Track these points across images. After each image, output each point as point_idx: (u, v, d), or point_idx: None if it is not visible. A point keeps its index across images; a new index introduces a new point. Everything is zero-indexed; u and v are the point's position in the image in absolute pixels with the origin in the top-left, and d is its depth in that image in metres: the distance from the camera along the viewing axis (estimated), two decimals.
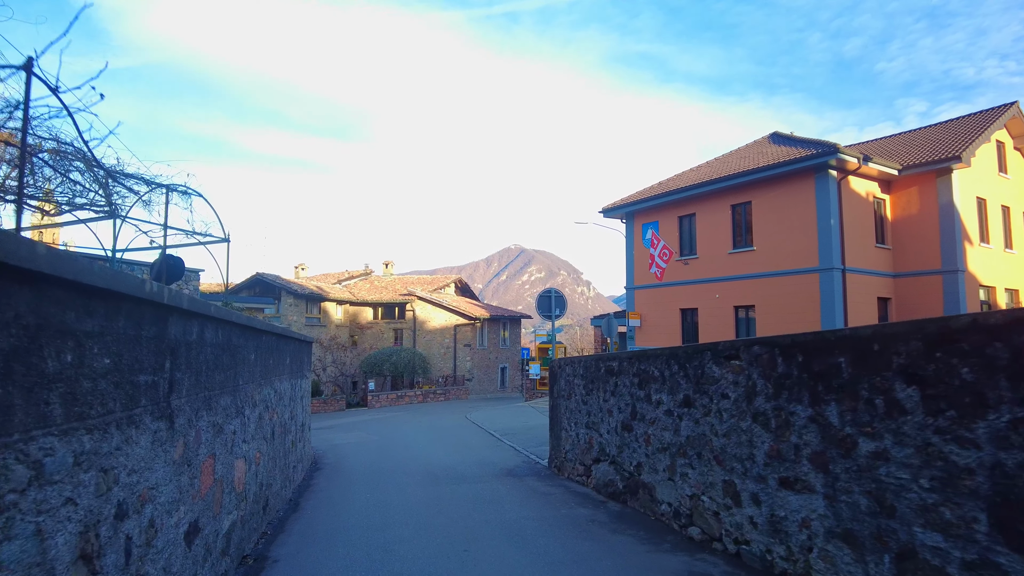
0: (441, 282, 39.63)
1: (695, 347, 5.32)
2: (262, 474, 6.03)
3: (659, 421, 5.93)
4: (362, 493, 7.93)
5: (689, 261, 23.40)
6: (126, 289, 2.55)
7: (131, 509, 2.66)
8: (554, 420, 9.32)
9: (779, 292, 20.51)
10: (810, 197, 19.92)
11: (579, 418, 8.13)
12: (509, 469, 9.51)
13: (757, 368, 4.48)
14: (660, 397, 5.92)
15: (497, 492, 7.70)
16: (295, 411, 8.86)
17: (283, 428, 7.56)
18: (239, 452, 4.97)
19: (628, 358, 6.61)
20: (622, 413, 6.76)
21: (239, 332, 4.93)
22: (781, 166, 20.07)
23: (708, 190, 22.60)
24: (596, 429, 7.53)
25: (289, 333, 7.96)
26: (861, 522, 3.49)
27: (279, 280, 29.57)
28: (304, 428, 10.03)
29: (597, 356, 7.49)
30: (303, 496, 7.89)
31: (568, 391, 8.63)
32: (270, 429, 6.59)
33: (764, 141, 25.59)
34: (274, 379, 6.92)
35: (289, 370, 8.18)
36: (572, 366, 8.48)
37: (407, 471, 9.71)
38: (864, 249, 20.29)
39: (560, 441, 8.91)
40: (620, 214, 26.13)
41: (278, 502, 7.00)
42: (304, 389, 10.21)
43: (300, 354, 9.47)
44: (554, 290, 11.67)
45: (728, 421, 4.81)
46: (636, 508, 6.40)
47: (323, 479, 9.23)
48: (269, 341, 6.51)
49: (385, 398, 29.03)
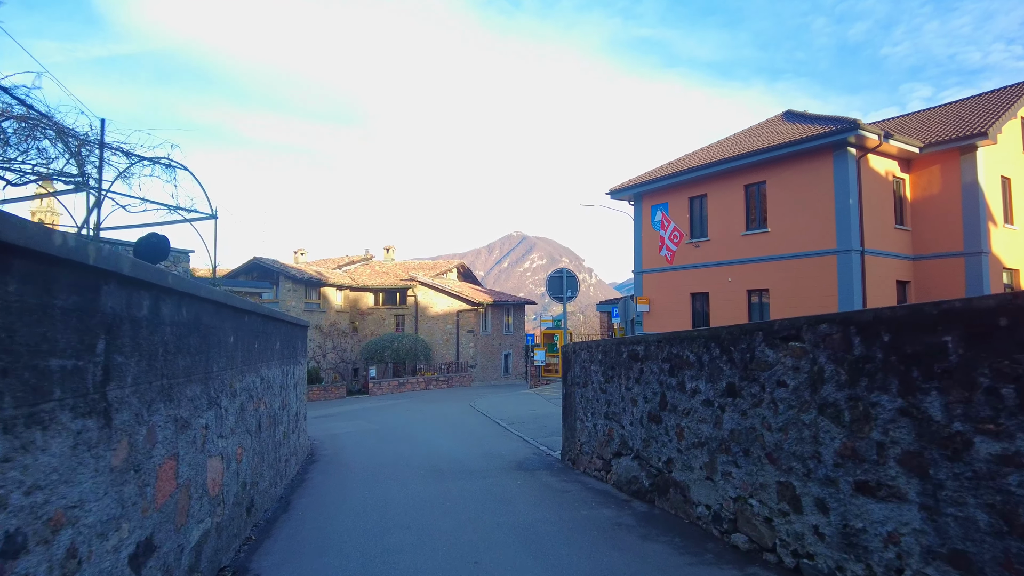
0: (443, 267, 38.85)
1: (742, 328, 4.60)
2: (245, 472, 5.35)
3: (695, 412, 5.23)
4: (360, 489, 7.27)
5: (700, 244, 22.63)
6: (17, 239, 1.82)
7: (31, 540, 1.95)
8: (568, 409, 8.63)
9: (795, 275, 19.76)
10: (828, 176, 19.10)
11: (597, 408, 7.44)
12: (519, 462, 8.84)
13: (825, 350, 3.75)
14: (696, 385, 5.20)
15: (508, 489, 7.03)
16: (287, 400, 8.18)
17: (272, 419, 6.88)
18: (214, 449, 4.28)
19: (656, 341, 5.89)
20: (648, 403, 6.06)
21: (212, 310, 4.22)
22: (798, 144, 19.22)
23: (720, 170, 21.76)
24: (617, 420, 6.84)
25: (279, 315, 7.25)
26: (979, 543, 2.78)
27: (277, 265, 28.82)
28: (298, 418, 9.36)
29: (618, 340, 6.78)
30: (296, 493, 7.22)
31: (584, 378, 7.92)
32: (256, 421, 5.91)
33: (777, 120, 24.70)
34: (260, 365, 6.22)
35: (280, 355, 7.48)
36: (588, 351, 7.77)
37: (409, 464, 9.05)
38: (883, 230, 19.51)
39: (575, 432, 8.23)
40: (628, 196, 25.31)
41: (266, 501, 6.33)
42: (298, 376, 9.53)
43: (293, 339, 8.78)
44: (566, 270, 10.85)
45: (785, 413, 4.10)
46: (666, 509, 5.72)
47: (318, 473, 8.57)
48: (254, 323, 5.80)
49: (387, 385, 28.42)
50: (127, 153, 8.85)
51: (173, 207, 8.97)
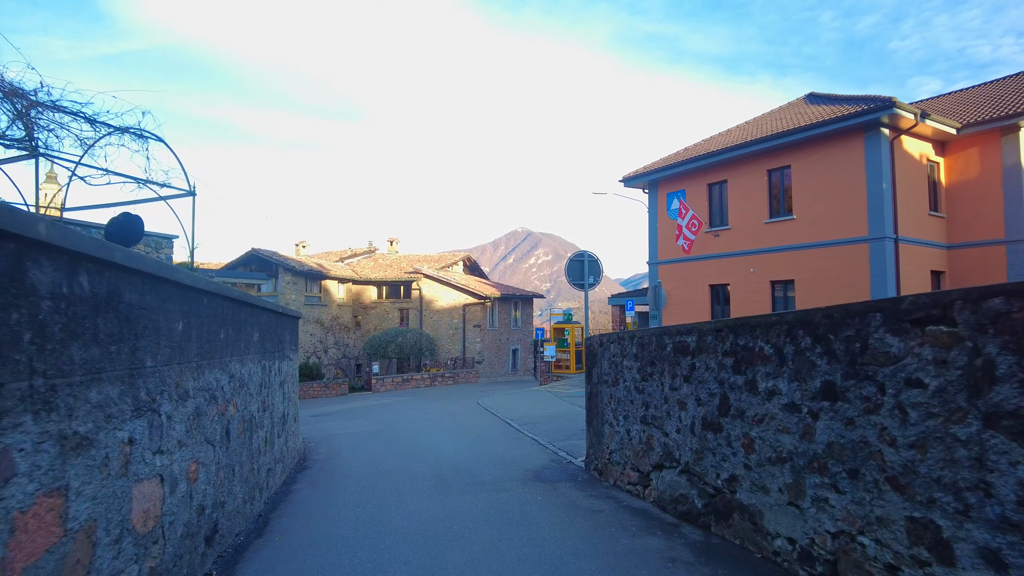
0: (449, 260, 37.68)
1: (848, 308, 3.47)
2: (203, 493, 4.27)
3: (771, 419, 4.10)
4: (352, 506, 6.18)
5: (720, 232, 21.44)
6: None
7: None
8: (593, 411, 7.51)
9: (822, 265, 18.57)
10: (859, 159, 17.88)
11: (631, 410, 6.31)
12: (536, 471, 7.73)
13: (997, 337, 2.62)
14: (774, 385, 4.08)
15: (527, 506, 5.92)
16: (271, 400, 7.11)
17: (247, 424, 5.80)
18: (144, 471, 3.20)
19: (715, 330, 4.76)
20: (703, 406, 4.93)
21: (143, 285, 3.13)
22: (827, 124, 17.99)
23: (742, 154, 20.56)
24: (658, 426, 5.71)
25: (257, 301, 6.16)
26: None
27: (276, 256, 27.73)
28: (286, 420, 8.29)
29: (660, 330, 5.65)
30: (277, 510, 6.14)
31: (613, 375, 6.80)
32: (222, 428, 4.82)
33: (800, 102, 23.46)
34: (230, 360, 5.14)
35: (260, 349, 6.40)
36: (620, 344, 6.64)
37: (411, 472, 7.97)
38: (917, 217, 18.30)
39: (602, 438, 7.11)
40: (642, 183, 24.11)
41: (238, 522, 5.25)
42: (287, 373, 8.45)
43: (278, 330, 7.70)
44: (587, 253, 9.64)
45: (921, 424, 2.97)
46: (728, 538, 4.60)
47: (307, 483, 7.49)
48: (219, 308, 4.71)
49: (390, 382, 27.37)
50: (90, 119, 7.77)
51: (143, 180, 7.89)
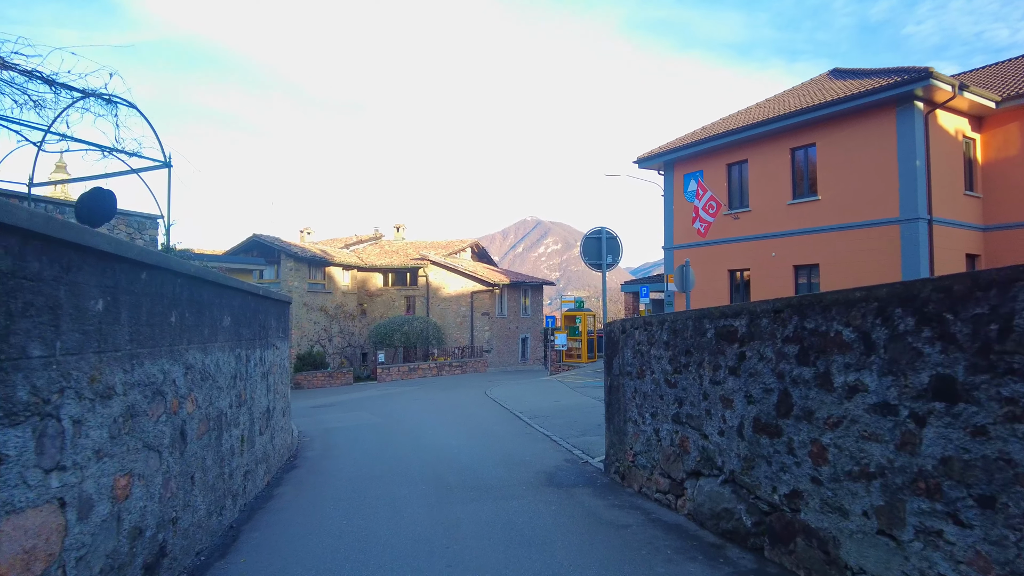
0: (456, 246, 36.78)
1: (980, 276, 2.56)
2: (139, 512, 3.44)
3: (853, 422, 3.21)
4: (338, 516, 5.36)
5: (740, 215, 20.40)
6: None
7: None
8: (614, 407, 6.64)
9: (850, 248, 17.52)
10: (890, 135, 16.77)
11: (660, 407, 5.44)
12: (549, 473, 6.88)
13: None
14: (857, 379, 3.18)
15: (538, 517, 5.09)
16: (250, 393, 6.29)
17: (215, 422, 4.98)
18: (26, 497, 2.36)
19: (773, 311, 3.85)
20: (755, 404, 4.05)
21: (22, 249, 2.29)
22: (857, 98, 16.85)
23: (763, 132, 19.47)
24: (695, 426, 4.84)
25: (225, 280, 5.31)
26: None
27: (278, 242, 26.96)
28: (272, 415, 7.49)
29: (699, 312, 4.76)
30: (252, 519, 5.34)
31: (638, 366, 5.92)
32: (173, 429, 4.00)
33: (823, 78, 22.26)
34: (188, 348, 4.31)
35: (231, 335, 5.57)
36: (647, 329, 5.75)
37: (409, 473, 7.15)
38: (952, 197, 17.19)
39: (625, 437, 6.24)
40: (658, 164, 23.06)
41: (199, 539, 4.45)
42: (273, 363, 7.64)
43: (261, 315, 6.87)
44: (605, 230, 8.66)
45: None
46: (788, 567, 3.73)
47: (292, 487, 6.70)
48: (166, 286, 3.88)
49: (396, 371, 26.64)
50: (48, 80, 6.93)
51: (108, 148, 7.05)
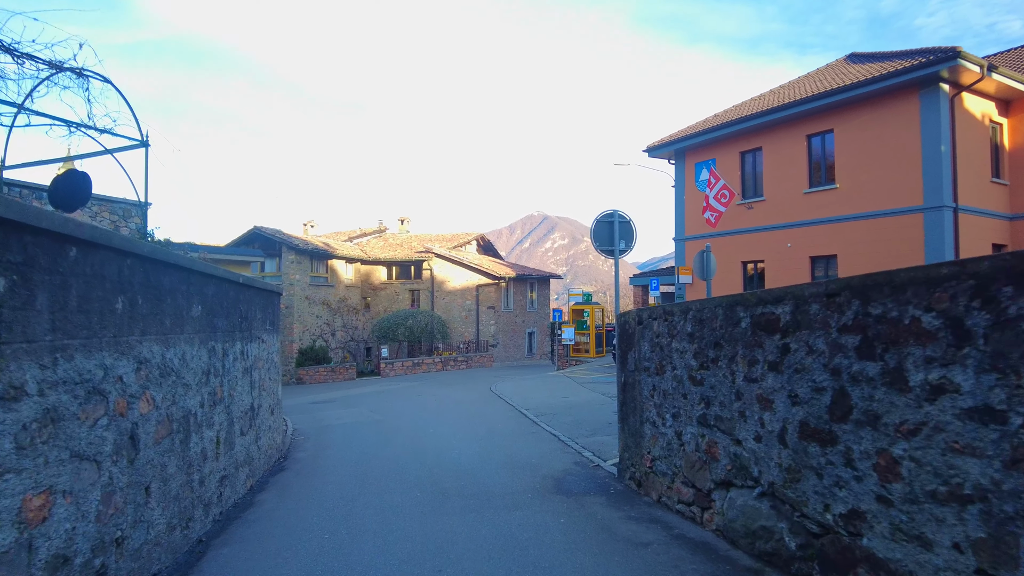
0: (462, 239, 36.14)
1: None
2: (64, 537, 2.85)
3: (938, 430, 2.59)
4: (321, 529, 4.79)
5: (754, 204, 19.67)
6: None
7: None
8: (629, 406, 6.02)
9: (869, 238, 16.78)
10: (913, 119, 16.00)
11: (683, 407, 4.82)
12: (557, 478, 6.28)
13: None
14: (943, 377, 2.56)
15: (546, 532, 4.49)
16: (229, 390, 5.72)
17: (180, 424, 4.40)
18: None
19: (826, 295, 3.22)
20: (802, 406, 3.42)
21: None
22: (878, 81, 16.08)
23: (778, 118, 18.72)
24: (725, 430, 4.22)
25: (190, 264, 4.72)
26: None
27: (280, 235, 26.42)
28: (258, 413, 6.92)
29: (731, 299, 4.13)
30: (226, 532, 4.77)
31: (657, 361, 5.30)
32: (119, 434, 3.42)
33: (840, 63, 21.44)
34: (142, 339, 3.73)
35: (203, 327, 4.99)
36: (667, 320, 5.12)
37: (404, 477, 6.57)
38: (978, 184, 16.41)
39: (641, 440, 5.62)
40: (668, 152, 22.35)
41: (156, 559, 3.87)
42: (258, 357, 7.06)
43: (242, 305, 6.29)
44: (617, 212, 7.96)
45: None
46: None
47: (276, 492, 6.13)
48: (108, 266, 3.29)
49: (400, 366, 26.10)
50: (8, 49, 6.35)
51: (77, 124, 6.48)
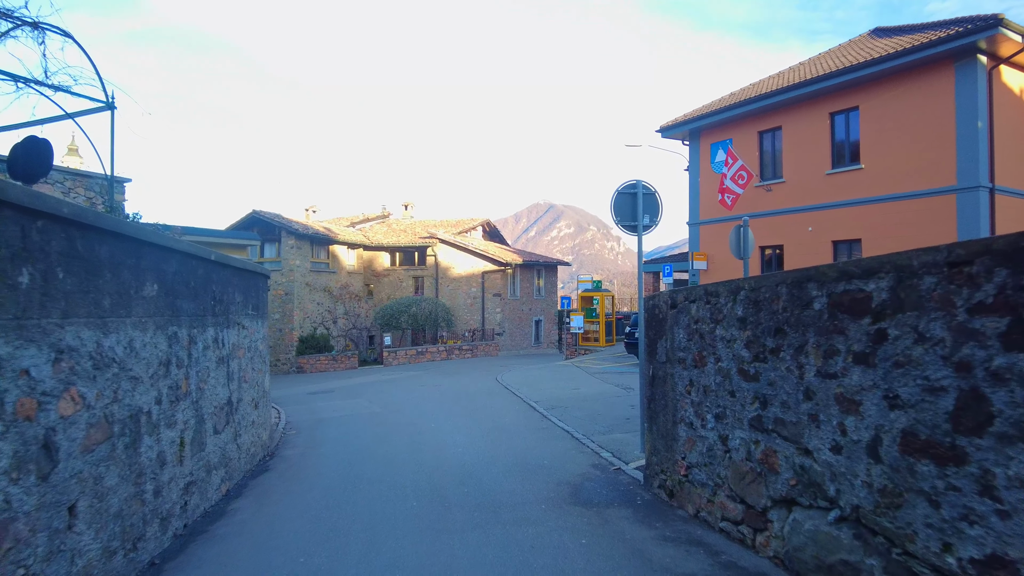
0: (467, 225, 35.28)
1: None
2: None
3: None
4: (296, 550, 4.04)
5: (772, 186, 18.74)
6: None
7: None
8: (659, 403, 5.23)
9: (897, 221, 15.86)
10: (947, 94, 15.01)
11: (730, 406, 4.03)
12: (574, 484, 5.51)
13: None
14: None
15: (567, 559, 3.73)
16: (196, 384, 4.96)
17: (124, 427, 3.65)
18: None
19: (947, 265, 2.40)
20: (908, 410, 2.62)
21: None
22: (910, 53, 15.07)
23: (799, 95, 17.74)
24: (789, 436, 3.42)
25: (139, 234, 3.94)
26: None
27: (279, 219, 25.65)
28: (236, 408, 6.18)
29: (797, 274, 3.32)
30: (184, 552, 4.04)
31: (696, 351, 4.49)
32: (25, 444, 2.66)
33: (864, 38, 20.36)
34: (60, 324, 2.97)
35: (161, 309, 4.22)
36: (709, 302, 4.30)
37: (400, 481, 5.83)
38: (1017, 164, 15.43)
39: (674, 443, 4.83)
40: (682, 132, 21.38)
41: None
42: (235, 345, 6.31)
43: (215, 286, 5.52)
44: (641, 183, 7.03)
45: None
46: None
47: (254, 499, 5.39)
48: (5, 228, 2.52)
49: (403, 355, 25.41)
50: None
51: (26, 80, 5.69)
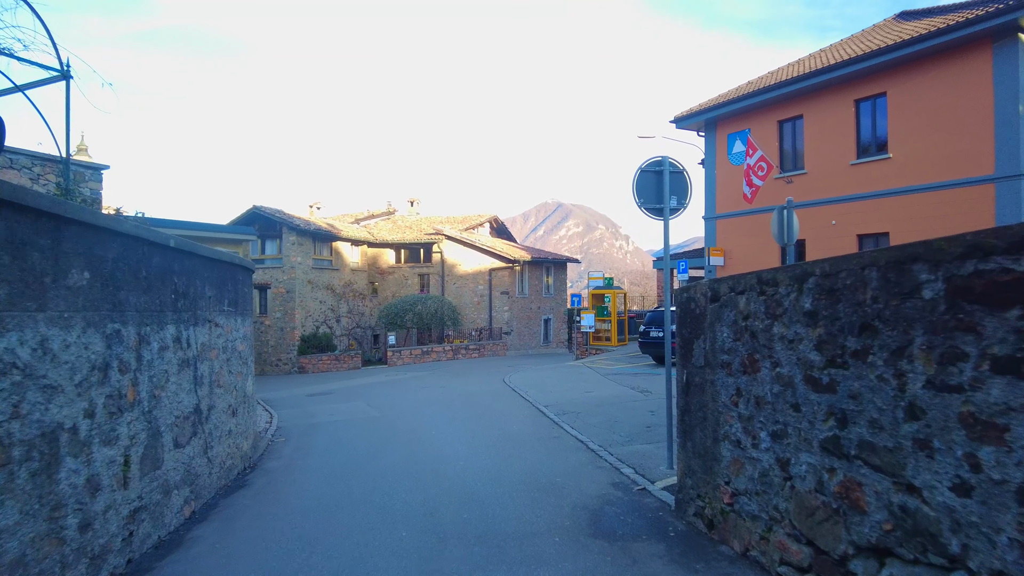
0: (474, 221, 34.47)
1: None
2: None
3: None
4: None
5: (793, 178, 17.84)
6: None
7: None
8: (696, 414, 4.41)
9: (927, 214, 14.94)
10: (984, 77, 14.07)
11: (792, 423, 3.22)
12: (593, 510, 4.72)
13: None
14: None
15: None
16: (148, 392, 4.20)
17: (31, 449, 2.90)
18: None
19: None
20: None
21: None
22: (944, 33, 14.12)
23: (822, 81, 16.84)
24: (883, 466, 2.61)
25: (59, 209, 3.19)
26: None
27: (281, 215, 24.98)
28: (207, 418, 5.43)
29: (894, 253, 2.56)
30: None
31: (746, 354, 3.69)
32: None
33: (889, 22, 19.40)
34: None
35: (90, 301, 3.47)
36: (763, 292, 3.49)
37: (391, 504, 5.06)
38: None
39: (715, 463, 4.03)
40: (698, 123, 20.49)
41: None
42: (205, 346, 5.56)
43: (173, 277, 4.76)
44: (668, 159, 6.13)
45: None
46: None
47: (219, 525, 4.64)
48: None
49: (408, 354, 24.68)
50: None
51: None
